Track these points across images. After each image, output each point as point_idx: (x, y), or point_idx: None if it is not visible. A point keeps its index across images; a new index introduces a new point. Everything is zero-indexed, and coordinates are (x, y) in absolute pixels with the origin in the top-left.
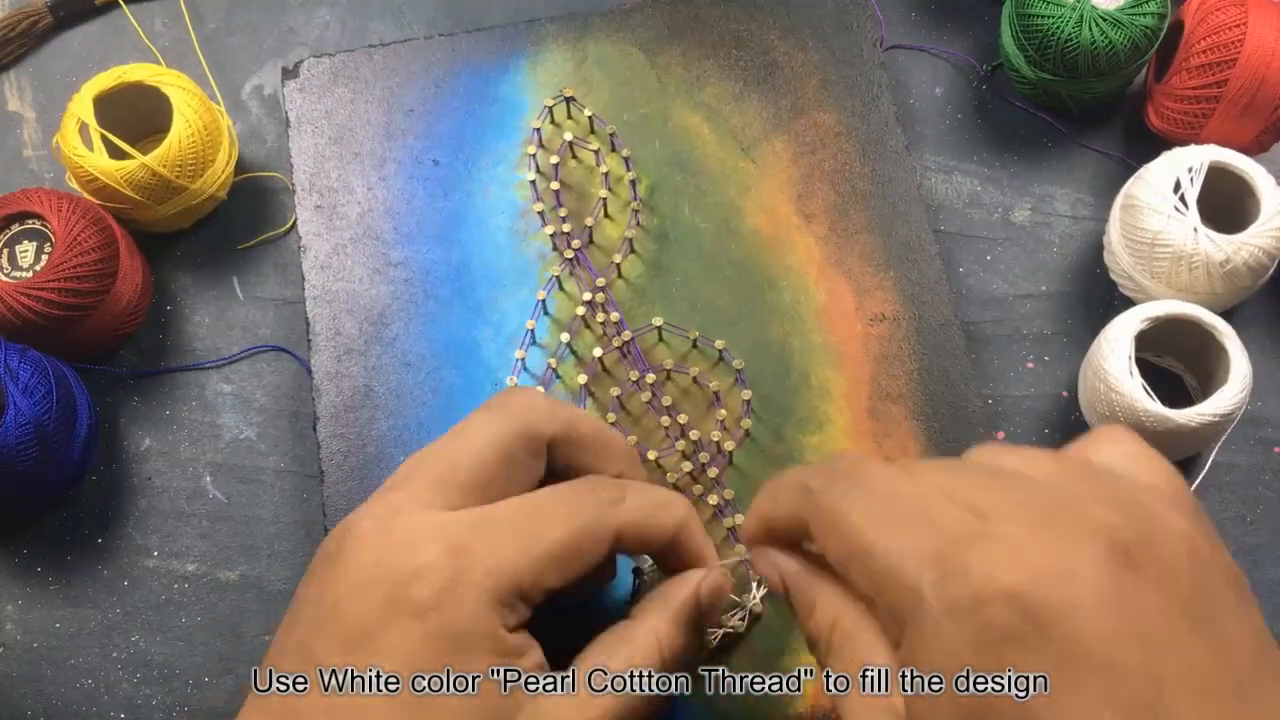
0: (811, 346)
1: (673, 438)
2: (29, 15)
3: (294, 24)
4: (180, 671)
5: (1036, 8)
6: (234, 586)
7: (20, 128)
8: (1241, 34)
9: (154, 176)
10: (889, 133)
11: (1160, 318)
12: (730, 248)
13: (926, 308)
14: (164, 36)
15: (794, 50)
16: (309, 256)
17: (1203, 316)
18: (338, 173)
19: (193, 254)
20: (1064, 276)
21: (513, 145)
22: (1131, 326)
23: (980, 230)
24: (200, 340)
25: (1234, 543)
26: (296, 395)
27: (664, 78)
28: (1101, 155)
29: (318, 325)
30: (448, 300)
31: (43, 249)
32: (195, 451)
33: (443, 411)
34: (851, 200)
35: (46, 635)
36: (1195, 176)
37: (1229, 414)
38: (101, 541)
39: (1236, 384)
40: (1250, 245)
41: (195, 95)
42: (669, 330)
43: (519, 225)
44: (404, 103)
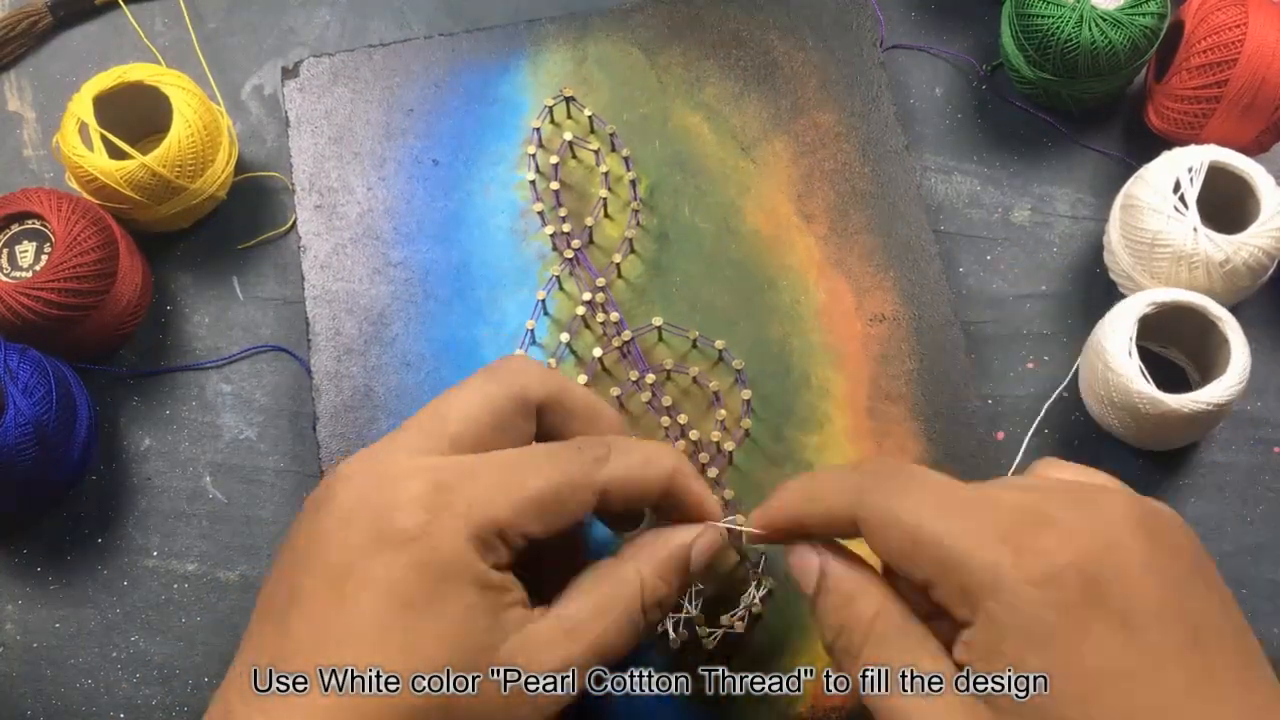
0: (811, 346)
1: (673, 438)
2: (29, 15)
3: (294, 24)
4: (180, 671)
5: (1036, 8)
6: (234, 586)
7: (20, 128)
8: (1242, 34)
9: (154, 176)
10: (889, 133)
11: (1165, 304)
12: (730, 248)
13: (926, 308)
14: (164, 36)
15: (794, 50)
16: (309, 256)
17: (1208, 306)
18: (337, 173)
19: (193, 254)
20: (1064, 276)
21: (513, 145)
22: (1136, 309)
23: (980, 230)
24: (200, 340)
25: (1234, 543)
26: (296, 395)
27: (664, 78)
28: (1101, 155)
29: (318, 325)
30: (448, 300)
31: (43, 249)
32: (195, 451)
33: None
34: (851, 200)
35: (46, 635)
36: (1195, 176)
37: (1224, 404)
38: (101, 541)
39: (1234, 374)
40: (1250, 245)
41: (195, 95)
42: (669, 330)
43: (519, 225)
44: (404, 103)
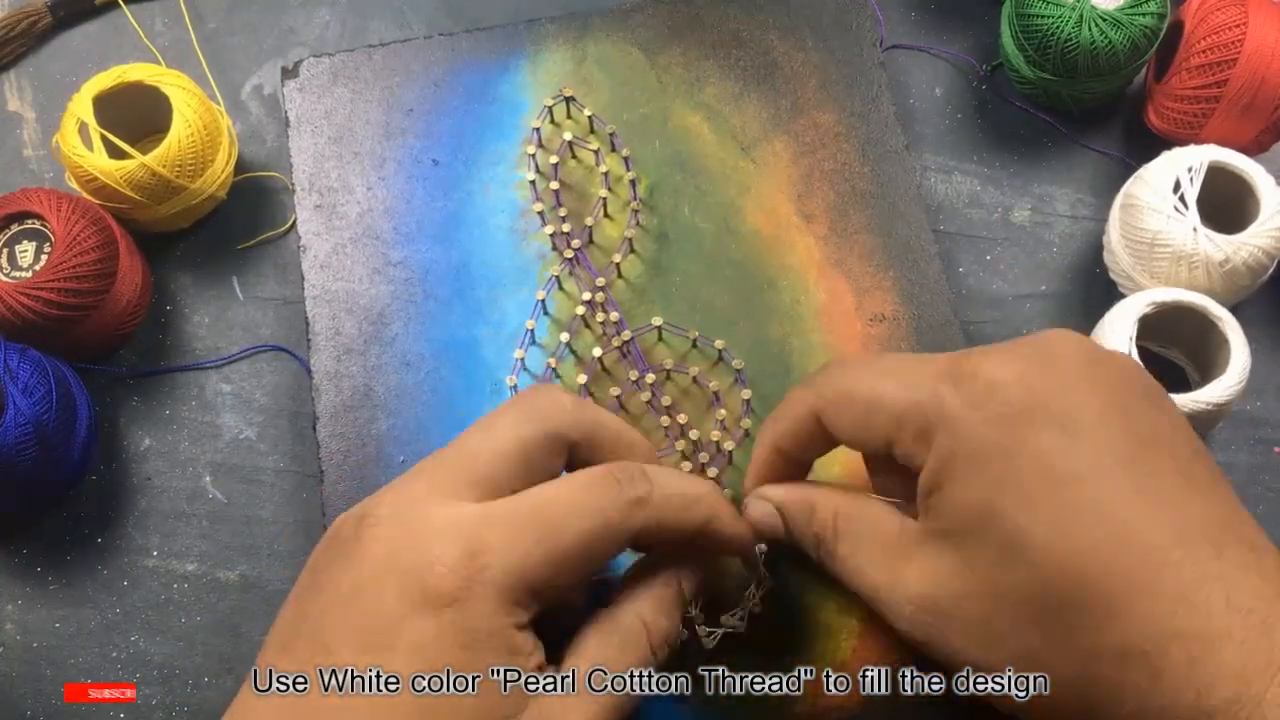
0: (811, 346)
1: (672, 438)
2: (29, 15)
3: (294, 24)
4: (180, 671)
5: (1036, 8)
6: (234, 586)
7: (20, 128)
8: (1241, 34)
9: (154, 176)
10: (889, 133)
11: (1166, 304)
12: (730, 248)
13: (926, 308)
14: (164, 36)
15: (794, 50)
16: (309, 256)
17: (1208, 306)
18: (337, 172)
19: (193, 254)
20: (1064, 276)
21: (512, 145)
22: (1136, 309)
23: (980, 230)
24: (200, 340)
25: None
26: (296, 395)
27: (664, 78)
28: (1101, 155)
29: (317, 325)
30: (447, 300)
31: (42, 249)
32: (195, 451)
33: (443, 411)
34: (851, 200)
35: (46, 635)
36: (1195, 176)
37: (1223, 404)
38: (101, 541)
39: (1234, 374)
40: (1250, 245)
41: (195, 95)
42: (669, 330)
43: (519, 225)
44: (404, 102)
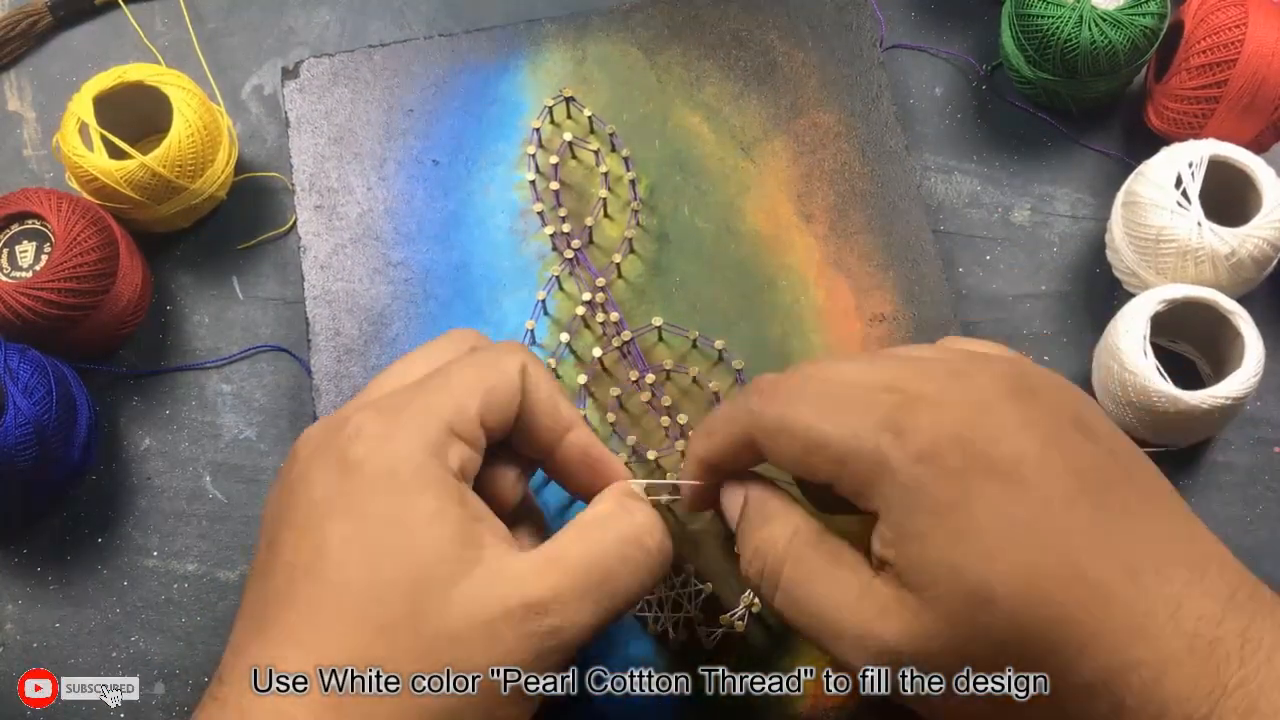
0: (811, 346)
1: (672, 438)
2: (29, 15)
3: (294, 24)
4: (180, 671)
5: (1036, 8)
6: (234, 586)
7: (20, 128)
8: (1241, 34)
9: (154, 176)
10: (889, 133)
11: (1176, 300)
12: (730, 248)
13: (926, 308)
14: (164, 36)
15: (794, 50)
16: (309, 256)
17: (1219, 300)
18: (338, 173)
19: (193, 254)
20: (1064, 276)
21: (512, 145)
22: (1148, 308)
23: (980, 230)
24: (200, 340)
25: (1234, 543)
26: (296, 395)
27: (664, 78)
28: (1101, 155)
29: (318, 325)
30: (448, 300)
31: (42, 249)
32: (195, 451)
33: None
34: (851, 200)
35: (46, 635)
36: (1196, 171)
37: (1240, 398)
38: (101, 541)
39: (1250, 367)
40: (1255, 237)
41: (195, 95)
42: (669, 330)
43: (519, 225)
44: (404, 103)
